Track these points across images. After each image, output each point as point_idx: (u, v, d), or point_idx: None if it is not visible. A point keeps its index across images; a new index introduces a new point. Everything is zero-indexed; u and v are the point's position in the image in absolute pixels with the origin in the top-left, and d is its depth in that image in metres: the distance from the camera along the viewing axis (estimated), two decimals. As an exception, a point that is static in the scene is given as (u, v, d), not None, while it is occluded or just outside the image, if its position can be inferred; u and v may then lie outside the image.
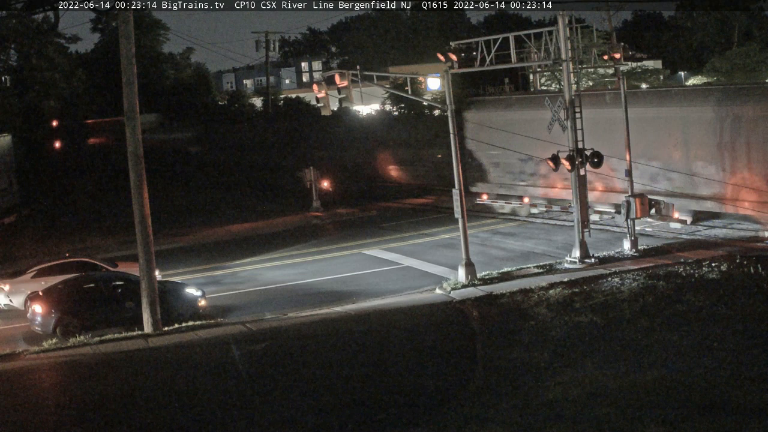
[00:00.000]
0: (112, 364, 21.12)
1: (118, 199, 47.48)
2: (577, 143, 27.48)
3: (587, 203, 28.53)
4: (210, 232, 40.69)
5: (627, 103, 29.21)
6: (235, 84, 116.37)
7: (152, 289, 24.09)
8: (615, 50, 30.01)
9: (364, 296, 26.65)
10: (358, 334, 22.07)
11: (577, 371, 17.54)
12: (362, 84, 27.35)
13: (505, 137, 34.34)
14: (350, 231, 38.80)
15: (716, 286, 23.15)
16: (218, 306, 26.65)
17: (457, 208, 27.12)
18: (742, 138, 29.44)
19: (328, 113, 28.08)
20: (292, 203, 46.96)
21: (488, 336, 21.07)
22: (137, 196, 24.21)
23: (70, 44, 77.39)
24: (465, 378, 18.06)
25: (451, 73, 28.04)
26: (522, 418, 15.35)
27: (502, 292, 24.96)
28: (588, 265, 27.23)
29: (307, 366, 19.83)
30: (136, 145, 24.13)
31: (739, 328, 19.38)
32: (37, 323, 24.34)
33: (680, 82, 78.96)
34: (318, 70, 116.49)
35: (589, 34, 41.95)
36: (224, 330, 23.49)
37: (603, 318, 21.21)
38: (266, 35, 75.03)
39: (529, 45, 30.01)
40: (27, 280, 27.29)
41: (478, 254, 29.55)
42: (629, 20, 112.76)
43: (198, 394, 18.44)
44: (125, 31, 24.01)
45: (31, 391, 19.64)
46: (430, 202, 44.93)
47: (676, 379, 16.65)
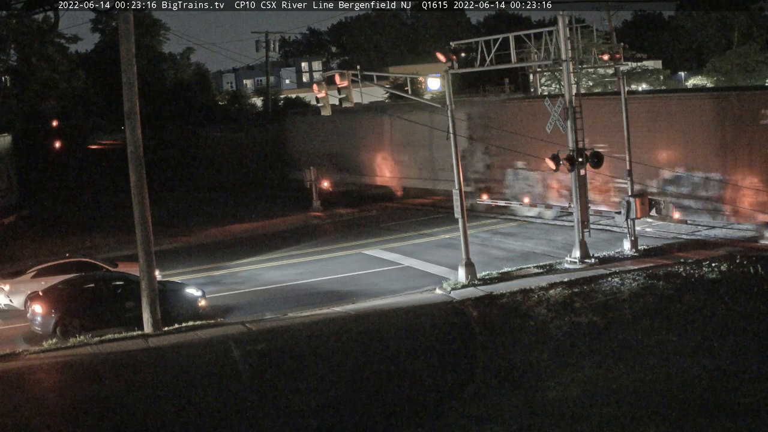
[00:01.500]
0: (112, 364, 21.12)
1: (118, 199, 47.48)
2: (577, 143, 27.50)
3: (587, 203, 28.52)
4: (210, 232, 40.68)
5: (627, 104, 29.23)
6: (235, 84, 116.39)
7: (152, 289, 24.09)
8: (615, 50, 30.03)
9: (364, 296, 26.65)
10: (358, 335, 22.06)
11: (577, 371, 17.55)
12: (362, 84, 27.34)
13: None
14: (350, 231, 38.80)
15: (716, 286, 23.17)
16: (218, 306, 26.64)
17: (457, 208, 27.11)
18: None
19: (328, 113, 28.07)
20: (292, 203, 46.95)
21: (488, 336, 21.07)
22: (137, 196, 24.21)
23: (70, 44, 77.26)
24: (465, 378, 18.07)
25: (451, 73, 28.04)
26: (522, 418, 15.37)
27: (502, 292, 24.95)
28: (588, 265, 27.22)
29: (307, 366, 19.83)
30: (136, 145, 24.13)
31: (739, 328, 19.39)
32: (37, 323, 24.34)
33: (680, 82, 79.05)
34: (318, 70, 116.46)
35: (589, 34, 42.02)
36: (224, 330, 23.49)
37: (603, 318, 21.22)
38: (266, 35, 75.10)
39: (529, 45, 30.01)
40: (27, 280, 27.28)
41: (478, 254, 29.55)
42: (629, 20, 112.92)
43: (198, 394, 18.45)
44: (125, 31, 24.01)
45: (31, 391, 19.65)
46: (429, 202, 44.91)
47: (676, 379, 16.66)
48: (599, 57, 30.87)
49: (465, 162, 35.01)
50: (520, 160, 35.77)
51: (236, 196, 54.01)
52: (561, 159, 27.20)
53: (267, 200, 50.38)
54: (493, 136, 36.41)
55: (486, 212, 38.57)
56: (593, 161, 27.53)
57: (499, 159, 37.43)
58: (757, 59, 65.57)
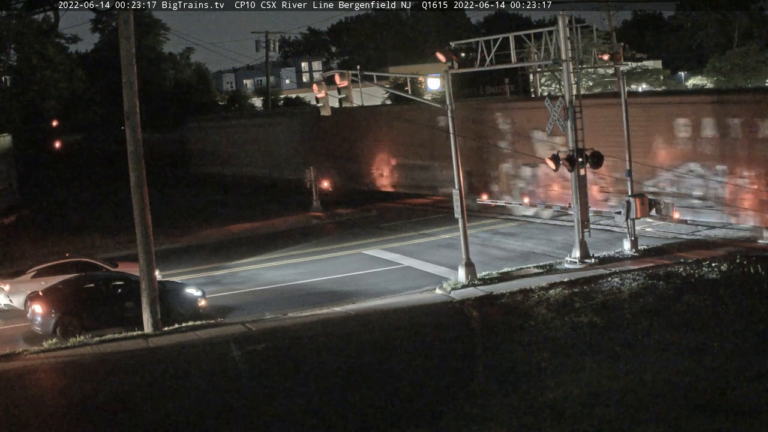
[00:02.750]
0: (112, 364, 21.12)
1: (118, 199, 47.49)
2: (577, 143, 27.50)
3: (587, 203, 28.52)
4: (210, 232, 40.66)
5: (627, 105, 29.23)
6: (235, 84, 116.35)
7: (152, 289, 24.09)
8: (615, 50, 30.01)
9: (364, 296, 26.64)
10: (358, 334, 22.06)
11: (577, 371, 17.54)
12: (362, 84, 27.37)
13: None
14: (350, 231, 38.79)
15: (716, 286, 23.17)
16: (218, 306, 26.64)
17: (457, 208, 27.11)
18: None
19: (328, 113, 28.08)
20: (292, 203, 46.93)
21: (488, 336, 21.07)
22: (137, 196, 24.21)
23: (70, 44, 77.54)
24: (465, 378, 18.06)
25: (451, 73, 28.04)
26: (522, 418, 15.36)
27: (502, 292, 24.95)
28: (588, 265, 27.22)
29: (307, 366, 19.82)
30: (136, 145, 24.13)
31: (739, 328, 19.39)
32: (37, 323, 24.34)
33: (680, 82, 79.06)
34: (318, 70, 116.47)
35: (589, 34, 42.00)
36: (224, 330, 23.49)
37: (603, 318, 21.21)
38: (266, 35, 75.04)
39: (529, 45, 30.01)
40: (27, 280, 27.28)
41: (478, 254, 29.54)
42: (629, 20, 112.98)
43: (198, 394, 18.44)
44: (125, 31, 24.02)
45: (31, 391, 19.66)
46: (430, 202, 44.89)
47: (676, 379, 16.65)
48: (599, 57, 30.86)
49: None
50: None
51: (235, 195, 54.06)
52: (561, 159, 27.23)
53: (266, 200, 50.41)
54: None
55: (480, 212, 38.50)
56: (593, 161, 27.54)
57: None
58: (757, 59, 65.56)
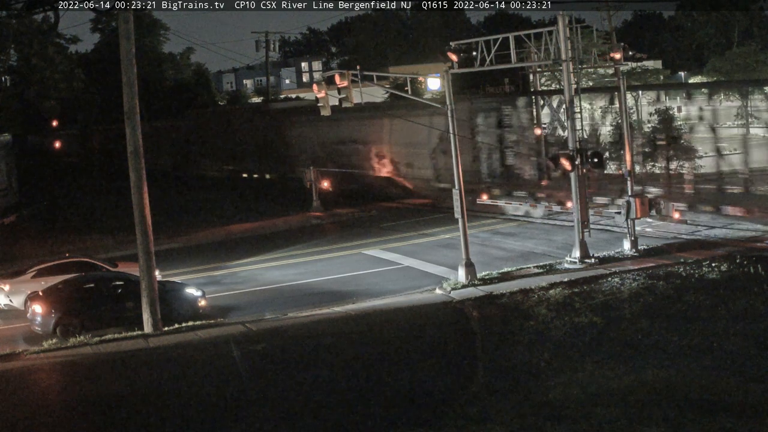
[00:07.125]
0: (112, 364, 21.12)
1: (118, 199, 47.46)
2: (577, 143, 27.49)
3: (587, 203, 28.52)
4: (210, 232, 40.66)
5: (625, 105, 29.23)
6: (235, 84, 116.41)
7: (152, 289, 24.09)
8: (615, 50, 30.00)
9: (364, 296, 26.64)
10: (358, 334, 22.06)
11: (577, 371, 17.55)
12: (362, 84, 27.32)
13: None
14: (350, 231, 38.78)
15: (716, 286, 23.17)
16: (218, 306, 26.64)
17: (457, 208, 27.10)
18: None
19: (328, 113, 28.06)
20: (292, 203, 46.93)
21: (488, 336, 21.06)
22: (137, 196, 24.20)
23: (70, 44, 77.31)
24: (465, 378, 18.06)
25: (451, 73, 28.03)
26: (522, 418, 15.36)
27: (502, 292, 24.95)
28: (588, 265, 27.22)
29: (307, 366, 19.82)
30: (136, 145, 24.13)
31: (739, 328, 19.39)
32: (37, 323, 24.33)
33: (680, 82, 79.00)
34: (318, 70, 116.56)
35: (589, 34, 41.95)
36: (224, 330, 23.48)
37: (603, 318, 21.22)
38: (266, 35, 75.09)
39: (529, 45, 29.99)
40: (27, 280, 27.27)
41: (478, 254, 29.54)
42: (629, 20, 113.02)
43: (198, 394, 18.44)
44: (125, 31, 24.01)
45: (31, 391, 19.65)
46: (429, 202, 44.89)
47: (676, 379, 16.65)
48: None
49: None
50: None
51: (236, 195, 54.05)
52: (560, 159, 27.22)
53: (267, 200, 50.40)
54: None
55: (478, 211, 38.47)
56: (593, 161, 27.54)
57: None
58: (757, 59, 65.58)
